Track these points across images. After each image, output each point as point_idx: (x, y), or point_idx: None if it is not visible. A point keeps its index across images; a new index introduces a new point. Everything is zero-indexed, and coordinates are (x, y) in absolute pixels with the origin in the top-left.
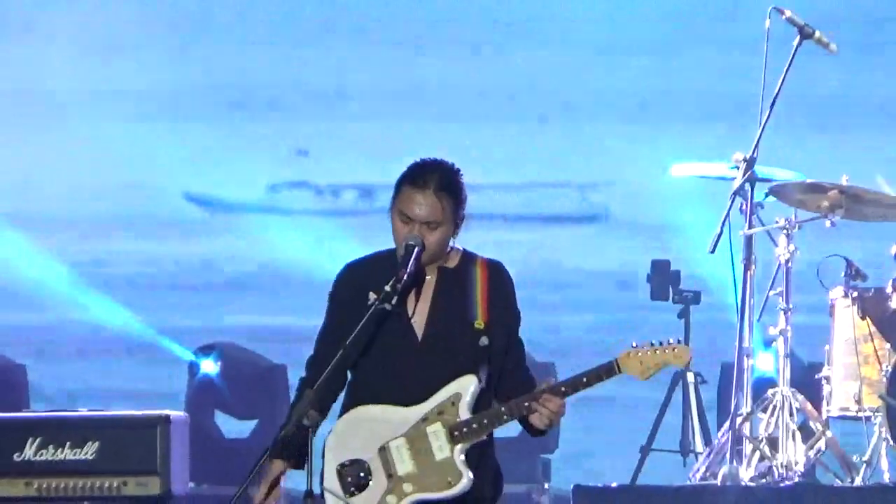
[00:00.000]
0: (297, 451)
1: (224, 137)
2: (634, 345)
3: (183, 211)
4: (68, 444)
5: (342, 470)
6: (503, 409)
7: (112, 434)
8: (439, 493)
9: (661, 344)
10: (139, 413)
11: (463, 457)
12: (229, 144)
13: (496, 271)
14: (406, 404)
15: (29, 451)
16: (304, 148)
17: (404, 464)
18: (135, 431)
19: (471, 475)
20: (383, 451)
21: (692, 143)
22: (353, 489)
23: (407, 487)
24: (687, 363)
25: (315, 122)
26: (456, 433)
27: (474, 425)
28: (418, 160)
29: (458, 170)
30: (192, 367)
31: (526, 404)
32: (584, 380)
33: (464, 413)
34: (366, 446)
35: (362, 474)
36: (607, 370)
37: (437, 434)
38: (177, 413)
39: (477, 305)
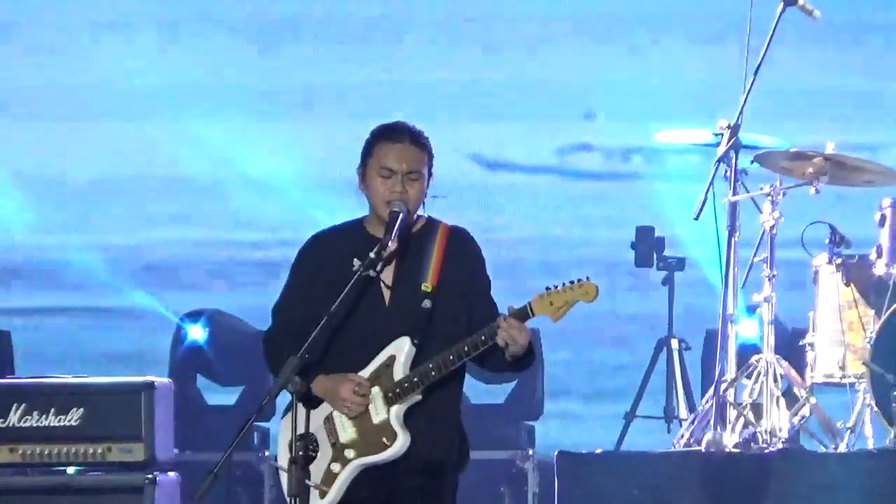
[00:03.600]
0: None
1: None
2: (547, 288)
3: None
4: (53, 410)
5: (292, 445)
6: (431, 364)
7: (96, 400)
8: (377, 455)
9: (570, 283)
10: (124, 379)
11: (400, 418)
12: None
13: (457, 237)
14: None
15: (13, 418)
16: (592, 111)
17: (346, 431)
18: (119, 398)
19: (408, 435)
20: (328, 420)
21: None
22: (302, 462)
23: (349, 453)
24: (594, 297)
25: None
26: (390, 394)
27: (406, 384)
28: (381, 124)
29: None
30: (179, 333)
31: (451, 357)
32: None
33: (398, 375)
34: (315, 418)
35: (311, 446)
36: (522, 314)
37: (373, 398)
38: (161, 379)
39: (429, 269)
